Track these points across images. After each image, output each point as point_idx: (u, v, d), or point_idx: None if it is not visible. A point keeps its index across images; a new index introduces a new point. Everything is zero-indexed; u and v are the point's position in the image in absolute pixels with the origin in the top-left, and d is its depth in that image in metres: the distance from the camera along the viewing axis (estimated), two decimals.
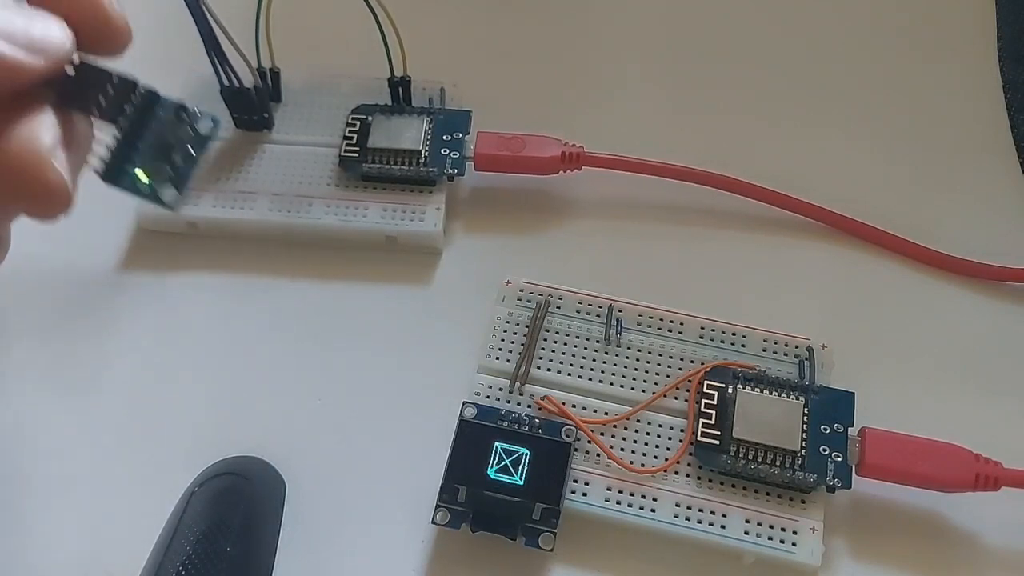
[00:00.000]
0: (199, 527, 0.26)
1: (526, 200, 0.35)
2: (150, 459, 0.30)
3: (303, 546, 0.28)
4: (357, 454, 0.30)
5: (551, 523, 0.27)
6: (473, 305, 0.32)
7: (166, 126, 0.25)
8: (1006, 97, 0.37)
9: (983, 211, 0.34)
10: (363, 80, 0.35)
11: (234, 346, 0.32)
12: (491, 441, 0.28)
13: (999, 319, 0.32)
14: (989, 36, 0.39)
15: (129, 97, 0.24)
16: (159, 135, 0.24)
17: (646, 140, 0.35)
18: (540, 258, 0.33)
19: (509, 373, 0.30)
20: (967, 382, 0.31)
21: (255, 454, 0.29)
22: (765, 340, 0.30)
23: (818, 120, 0.37)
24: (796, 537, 0.27)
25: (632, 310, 0.31)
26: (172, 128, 0.25)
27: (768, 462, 0.27)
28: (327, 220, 0.33)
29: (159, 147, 0.24)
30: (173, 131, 0.25)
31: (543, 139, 0.34)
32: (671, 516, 0.27)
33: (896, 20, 0.40)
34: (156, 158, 0.24)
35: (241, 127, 0.35)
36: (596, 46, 0.39)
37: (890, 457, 0.27)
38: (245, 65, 0.32)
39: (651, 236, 0.34)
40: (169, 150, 0.24)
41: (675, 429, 0.29)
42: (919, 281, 0.33)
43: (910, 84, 0.38)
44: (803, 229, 0.34)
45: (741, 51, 0.39)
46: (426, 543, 0.28)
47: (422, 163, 0.33)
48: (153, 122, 0.24)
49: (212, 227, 0.34)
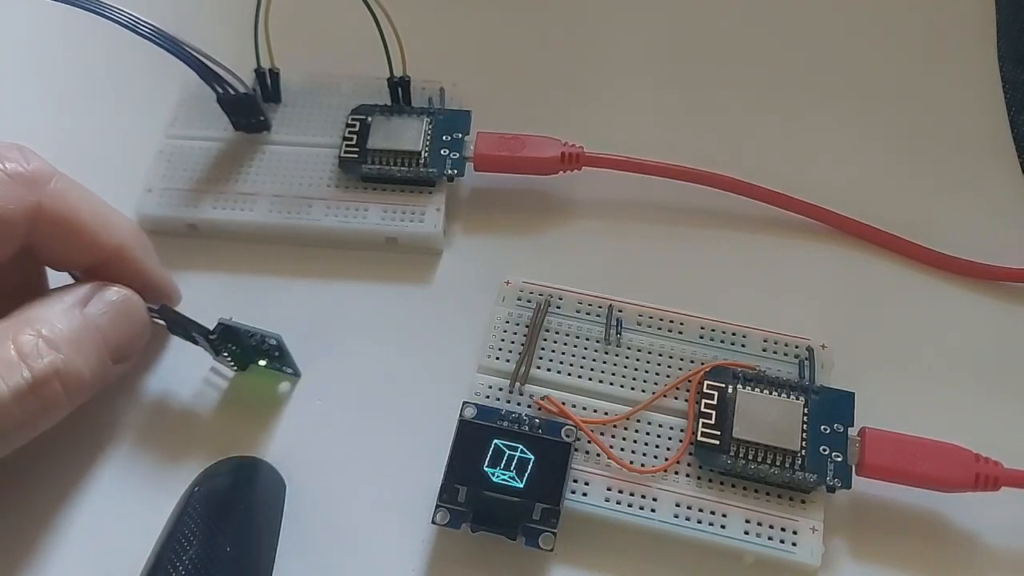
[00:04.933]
0: (199, 527, 0.26)
1: (526, 200, 0.35)
2: (150, 459, 0.30)
3: (303, 546, 0.28)
4: (357, 454, 0.30)
5: (551, 523, 0.27)
6: (473, 305, 0.32)
7: (247, 343, 0.30)
8: (1006, 97, 0.37)
9: (983, 211, 0.34)
10: (363, 80, 0.35)
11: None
12: (491, 441, 0.28)
13: (999, 319, 0.32)
14: (989, 36, 0.39)
15: (209, 336, 0.29)
16: (245, 348, 0.30)
17: (646, 140, 0.35)
18: (540, 258, 0.33)
19: (509, 373, 0.30)
20: (967, 382, 0.31)
21: (255, 454, 0.29)
22: (765, 340, 0.30)
23: (818, 120, 0.37)
24: (796, 537, 0.27)
25: (632, 310, 0.31)
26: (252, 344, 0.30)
27: (768, 462, 0.27)
28: (327, 221, 0.33)
29: (256, 351, 0.30)
30: (256, 345, 0.30)
31: (543, 139, 0.34)
32: (671, 516, 0.27)
33: (896, 20, 0.40)
34: (259, 354, 0.30)
35: (240, 129, 0.35)
36: (596, 46, 0.39)
37: (890, 457, 0.27)
38: (244, 67, 0.32)
39: (651, 236, 0.34)
40: (262, 350, 0.30)
41: (675, 429, 0.29)
42: (919, 281, 0.33)
43: (910, 84, 0.38)
44: (803, 229, 0.34)
45: (741, 51, 0.39)
46: (426, 543, 0.28)
47: (422, 164, 0.33)
48: (234, 346, 0.30)
49: (212, 229, 0.34)
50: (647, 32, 0.39)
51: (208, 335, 0.29)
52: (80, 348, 0.26)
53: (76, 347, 0.26)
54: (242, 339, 0.30)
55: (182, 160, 0.34)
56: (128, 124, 0.36)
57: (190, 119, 0.35)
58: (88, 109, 0.37)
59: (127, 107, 0.37)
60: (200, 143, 0.35)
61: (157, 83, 0.35)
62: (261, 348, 0.30)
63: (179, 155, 0.34)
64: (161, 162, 0.34)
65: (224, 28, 0.34)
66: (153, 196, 0.34)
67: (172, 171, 0.34)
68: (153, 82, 0.36)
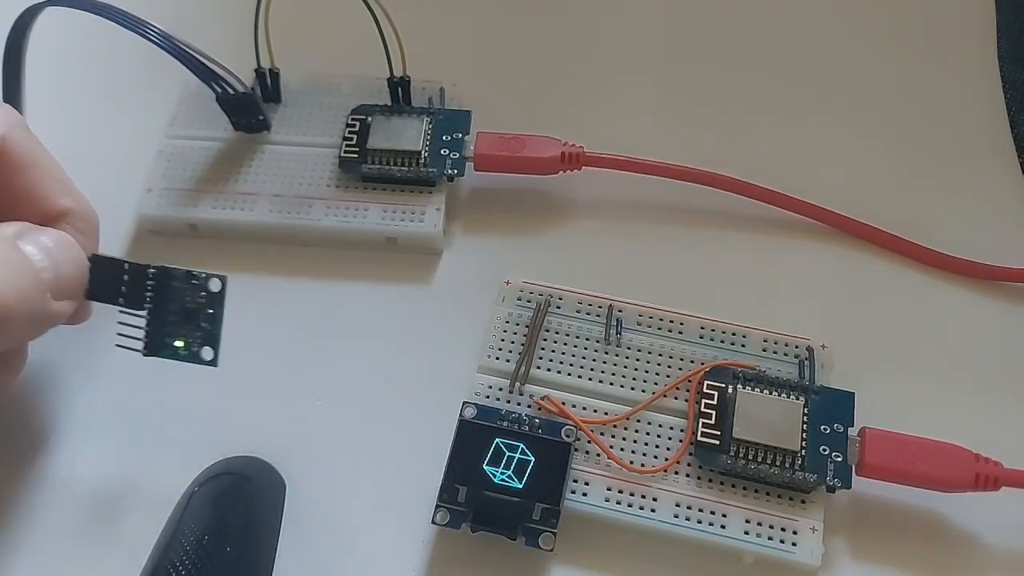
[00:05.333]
0: (199, 527, 0.26)
1: (526, 200, 0.35)
2: (150, 459, 0.30)
3: (303, 546, 0.28)
4: (357, 454, 0.30)
5: (551, 523, 0.27)
6: (473, 305, 0.32)
7: (183, 295, 0.28)
8: (1006, 97, 0.37)
9: (983, 211, 0.34)
10: (363, 80, 0.35)
11: (234, 346, 0.32)
12: (491, 441, 0.28)
13: (999, 319, 0.32)
14: (989, 36, 0.39)
15: (145, 281, 0.28)
16: (180, 304, 0.28)
17: (646, 140, 0.35)
18: (540, 258, 0.33)
19: (509, 373, 0.30)
20: (967, 382, 0.31)
21: (255, 454, 0.29)
22: (765, 340, 0.30)
23: (818, 120, 0.37)
24: (796, 537, 0.27)
25: (632, 310, 0.31)
26: (188, 295, 0.28)
27: (768, 462, 0.27)
28: (327, 221, 0.33)
29: (183, 314, 0.28)
30: (190, 297, 0.28)
31: (543, 139, 0.34)
32: (671, 516, 0.27)
33: (896, 20, 0.40)
34: (184, 325, 0.28)
35: (240, 129, 0.35)
36: (596, 46, 0.39)
37: (890, 457, 0.27)
38: (244, 67, 0.32)
39: (651, 236, 0.34)
40: (193, 315, 0.28)
41: (675, 429, 0.29)
42: (919, 281, 0.33)
43: (910, 84, 0.38)
44: (803, 229, 0.34)
45: (741, 51, 0.39)
46: (426, 543, 0.28)
47: (422, 164, 0.33)
48: (170, 294, 0.28)
49: (212, 228, 0.34)
50: (647, 32, 0.39)
51: (147, 270, 0.28)
52: (15, 281, 0.25)
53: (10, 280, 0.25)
54: (175, 291, 0.28)
55: (182, 160, 0.34)
56: (128, 124, 0.37)
57: (190, 119, 0.35)
58: (88, 109, 0.37)
59: (127, 107, 0.37)
60: (200, 143, 0.35)
61: (157, 83, 0.35)
62: (191, 306, 0.28)
63: (179, 155, 0.34)
64: (161, 162, 0.34)
65: (224, 28, 0.35)
66: (153, 196, 0.34)
67: (172, 171, 0.34)
68: (153, 82, 0.36)
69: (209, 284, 0.28)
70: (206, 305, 0.28)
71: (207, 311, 0.28)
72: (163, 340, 0.28)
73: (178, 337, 0.28)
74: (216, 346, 0.28)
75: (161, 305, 0.28)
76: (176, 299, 0.28)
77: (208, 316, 0.28)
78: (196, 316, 0.28)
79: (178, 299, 0.28)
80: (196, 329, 0.28)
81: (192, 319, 0.28)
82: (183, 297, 0.28)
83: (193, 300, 0.28)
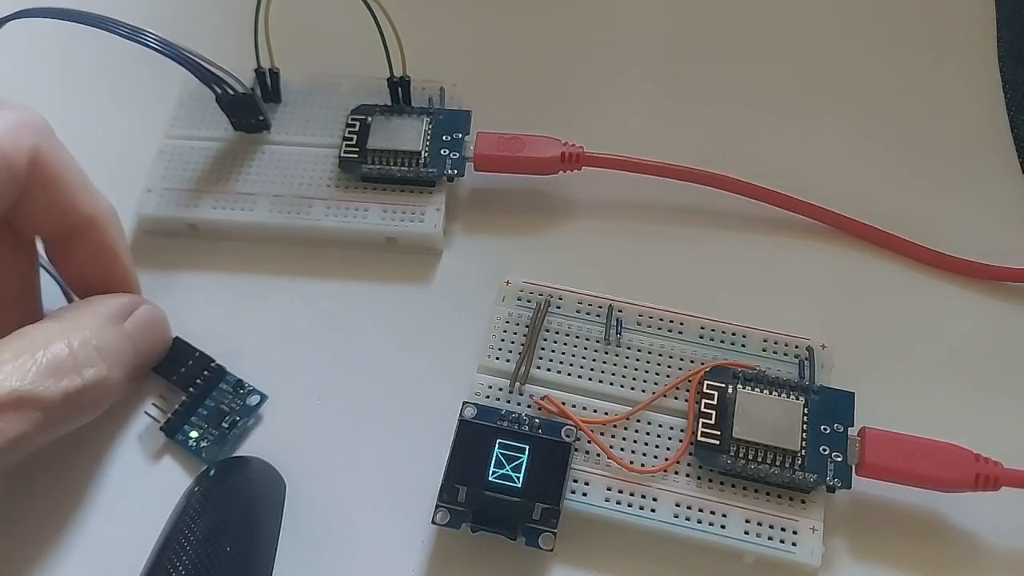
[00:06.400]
0: (199, 527, 0.26)
1: (526, 200, 0.35)
2: (150, 459, 0.30)
3: (303, 546, 0.28)
4: (357, 454, 0.30)
5: (551, 523, 0.27)
6: (473, 305, 0.32)
7: (223, 395, 0.30)
8: (1006, 97, 0.37)
9: (983, 211, 0.34)
10: (362, 80, 0.35)
11: (234, 346, 0.32)
12: (491, 441, 0.28)
13: (999, 319, 0.32)
14: (989, 36, 0.39)
15: (202, 371, 0.30)
16: (217, 403, 0.30)
17: (646, 140, 0.35)
18: (540, 258, 0.33)
19: (509, 373, 0.30)
20: (967, 382, 0.31)
21: (255, 454, 0.29)
22: (765, 340, 0.30)
23: (818, 120, 0.37)
24: (796, 537, 0.27)
25: (632, 310, 0.31)
26: (228, 398, 0.30)
27: (768, 462, 0.27)
28: (327, 221, 0.33)
29: (213, 412, 0.30)
30: (228, 401, 0.30)
31: (543, 139, 0.34)
32: (671, 516, 0.27)
33: (896, 20, 0.40)
34: (209, 422, 0.30)
35: (240, 129, 0.35)
36: (596, 46, 0.39)
37: (890, 457, 0.27)
38: (244, 67, 0.32)
39: (651, 236, 0.34)
40: (220, 416, 0.30)
41: (675, 429, 0.29)
42: (919, 281, 0.33)
43: (910, 84, 0.38)
44: (803, 229, 0.34)
45: (741, 51, 0.39)
46: (426, 543, 0.28)
47: (422, 164, 0.33)
48: (214, 391, 0.30)
49: (212, 229, 0.34)
50: (647, 32, 0.39)
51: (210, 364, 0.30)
52: (119, 361, 0.27)
53: (116, 360, 0.27)
54: (219, 391, 0.30)
55: (182, 160, 0.34)
56: (128, 124, 0.37)
57: (190, 119, 0.35)
58: (88, 109, 0.37)
59: (127, 107, 0.37)
60: (200, 143, 0.35)
61: (157, 83, 0.35)
62: (224, 408, 0.30)
63: (179, 155, 0.34)
64: (161, 162, 0.34)
65: (224, 28, 0.35)
66: (153, 196, 0.34)
67: (172, 171, 0.34)
68: (153, 82, 0.36)
69: (248, 397, 0.30)
70: (237, 412, 0.30)
71: (234, 419, 0.30)
72: (183, 426, 0.30)
73: (196, 428, 0.30)
74: (222, 449, 0.29)
75: (200, 396, 0.30)
76: (216, 397, 0.30)
77: (232, 423, 0.30)
78: (222, 418, 0.30)
79: (217, 398, 0.30)
80: (215, 429, 0.30)
81: (217, 420, 0.30)
82: (222, 398, 0.30)
83: (229, 404, 0.30)
